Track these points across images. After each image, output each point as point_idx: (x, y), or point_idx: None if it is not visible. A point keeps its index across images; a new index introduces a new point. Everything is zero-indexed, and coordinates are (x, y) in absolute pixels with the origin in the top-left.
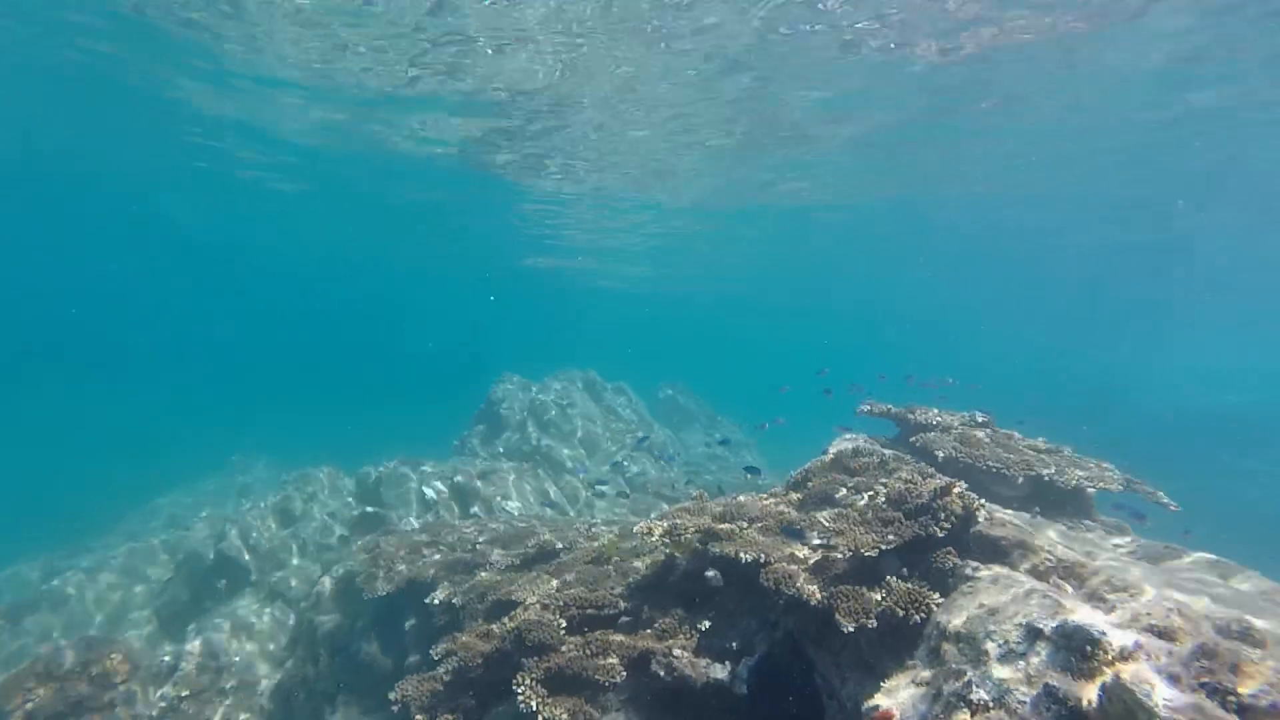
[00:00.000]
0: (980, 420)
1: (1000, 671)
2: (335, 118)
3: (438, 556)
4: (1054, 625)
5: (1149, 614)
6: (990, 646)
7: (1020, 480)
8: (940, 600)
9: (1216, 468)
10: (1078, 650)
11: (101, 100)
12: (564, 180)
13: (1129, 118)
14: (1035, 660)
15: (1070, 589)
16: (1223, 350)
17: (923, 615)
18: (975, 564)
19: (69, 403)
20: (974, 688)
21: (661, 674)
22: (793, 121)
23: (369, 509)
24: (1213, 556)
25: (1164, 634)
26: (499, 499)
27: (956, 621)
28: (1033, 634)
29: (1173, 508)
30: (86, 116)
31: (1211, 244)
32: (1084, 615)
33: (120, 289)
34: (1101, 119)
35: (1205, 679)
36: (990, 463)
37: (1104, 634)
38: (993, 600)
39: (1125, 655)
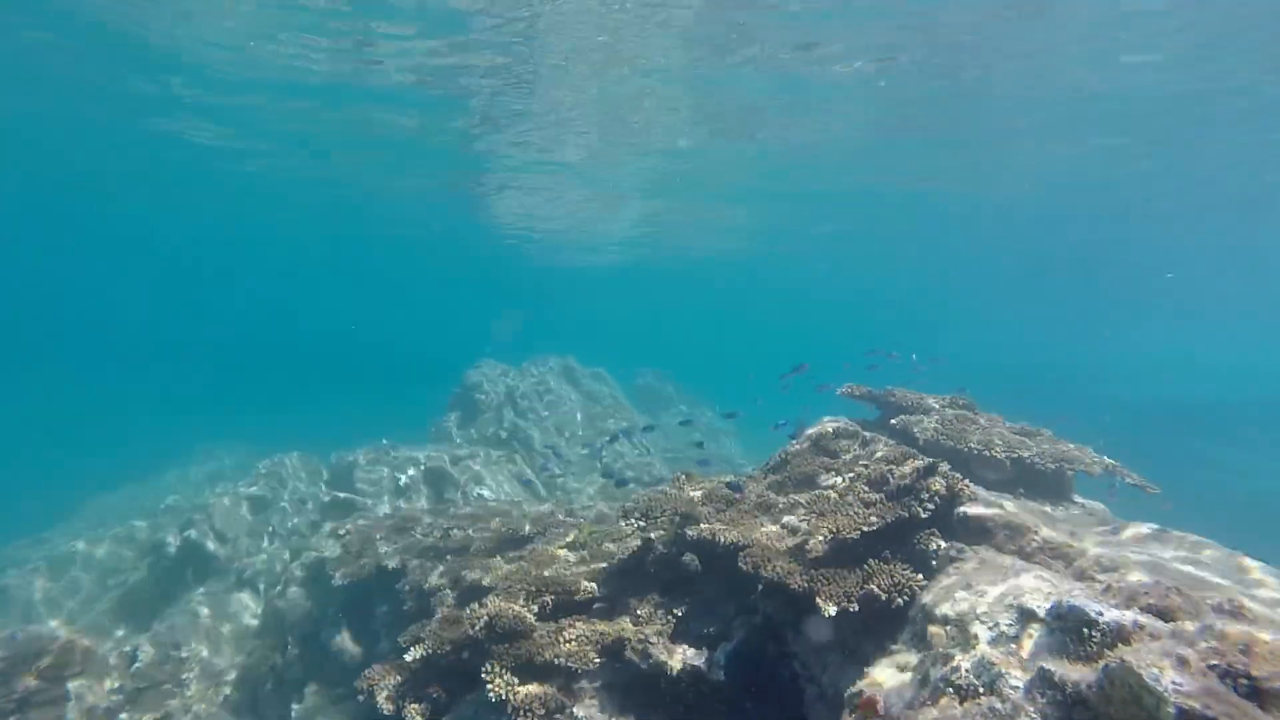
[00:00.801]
0: (961, 403)
1: (991, 655)
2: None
3: (409, 542)
4: (1047, 607)
5: (1146, 594)
6: (979, 629)
7: (1003, 462)
8: (924, 583)
9: (1192, 455)
10: (1073, 632)
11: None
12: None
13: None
14: (1028, 643)
15: (1063, 570)
16: (1194, 340)
17: (906, 598)
18: (960, 546)
19: (35, 389)
20: (963, 672)
21: (636, 661)
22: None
23: (341, 495)
24: (1196, 537)
25: (1163, 614)
26: (473, 484)
27: (943, 604)
28: (1024, 615)
29: (1152, 490)
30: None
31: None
32: (1078, 596)
33: (95, 277)
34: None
35: (1214, 660)
36: (973, 445)
37: (1100, 614)
38: (981, 582)
39: (1125, 636)
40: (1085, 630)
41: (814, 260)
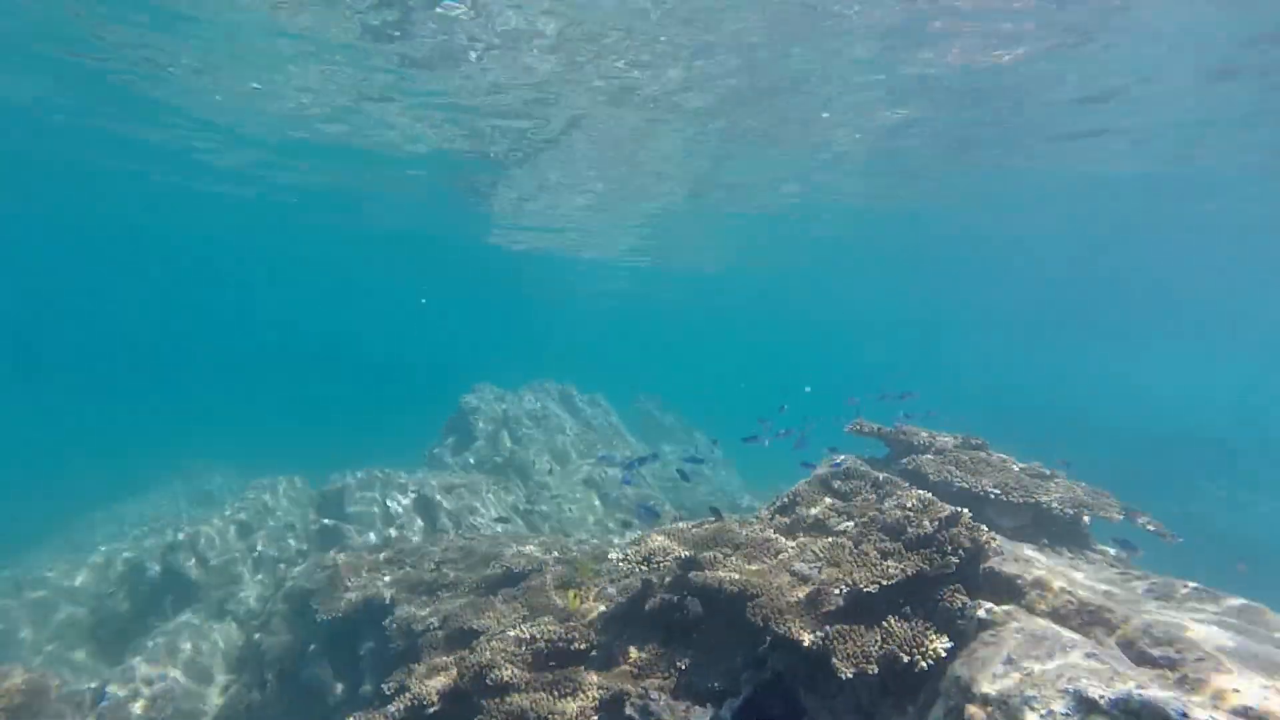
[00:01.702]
0: (975, 443)
1: None
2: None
3: (398, 575)
4: (1110, 696)
5: (1236, 691)
6: (1031, 717)
7: (1020, 508)
8: (949, 645)
9: (1190, 492)
10: None
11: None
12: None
13: None
14: None
15: (1107, 640)
16: (1186, 372)
17: (930, 661)
18: (989, 605)
19: (24, 402)
20: None
21: (636, 718)
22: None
23: (330, 522)
24: (1257, 605)
25: None
26: (467, 514)
27: (981, 678)
28: (1083, 703)
29: (1174, 539)
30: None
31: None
32: (1150, 687)
33: (86, 290)
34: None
35: None
36: (989, 488)
37: (1184, 715)
38: (1022, 655)
39: None
40: None
41: (806, 282)
